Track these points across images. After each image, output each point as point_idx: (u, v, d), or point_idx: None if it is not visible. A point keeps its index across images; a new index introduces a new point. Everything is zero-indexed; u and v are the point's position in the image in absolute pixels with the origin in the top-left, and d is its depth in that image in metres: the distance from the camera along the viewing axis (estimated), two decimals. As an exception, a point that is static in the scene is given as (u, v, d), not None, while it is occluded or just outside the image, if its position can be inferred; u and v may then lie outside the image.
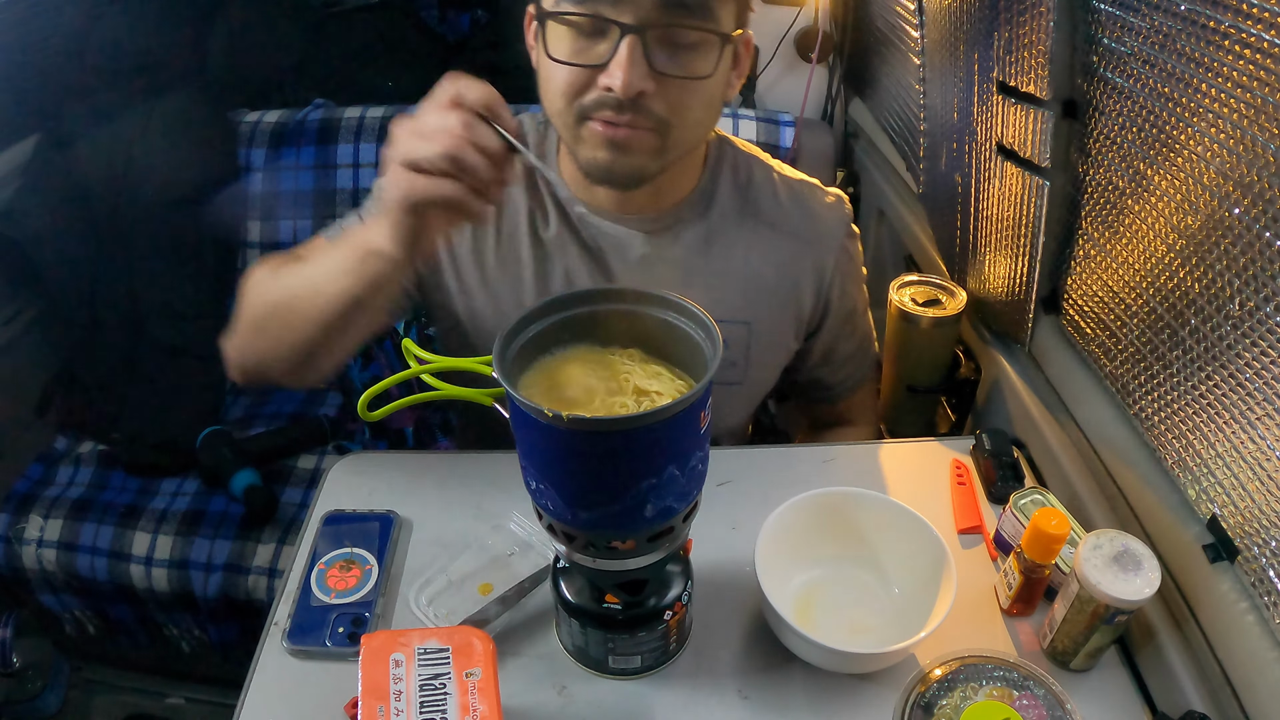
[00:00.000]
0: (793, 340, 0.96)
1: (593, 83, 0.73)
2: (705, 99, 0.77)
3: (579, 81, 0.74)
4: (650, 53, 0.71)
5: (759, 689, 0.70)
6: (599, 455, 0.53)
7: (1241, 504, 0.63)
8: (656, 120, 0.75)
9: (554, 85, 0.75)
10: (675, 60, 0.73)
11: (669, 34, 0.71)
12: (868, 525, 0.76)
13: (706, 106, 0.78)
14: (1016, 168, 0.86)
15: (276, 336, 0.75)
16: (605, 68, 0.71)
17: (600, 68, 0.72)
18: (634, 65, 0.70)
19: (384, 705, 0.54)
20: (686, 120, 0.76)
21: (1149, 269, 0.72)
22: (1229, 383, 0.63)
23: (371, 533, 0.81)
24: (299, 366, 0.76)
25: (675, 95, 0.74)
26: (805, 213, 0.93)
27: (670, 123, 0.75)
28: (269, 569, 1.37)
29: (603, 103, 0.73)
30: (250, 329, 0.78)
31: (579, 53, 0.73)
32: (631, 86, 0.70)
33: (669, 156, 0.79)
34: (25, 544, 1.43)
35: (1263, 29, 0.53)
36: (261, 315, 0.77)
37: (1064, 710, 0.61)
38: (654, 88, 0.72)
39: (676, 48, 0.72)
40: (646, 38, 0.70)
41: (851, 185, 1.63)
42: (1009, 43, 0.82)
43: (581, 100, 0.74)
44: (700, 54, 0.73)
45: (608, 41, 0.71)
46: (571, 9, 0.71)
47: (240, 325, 0.79)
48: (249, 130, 1.66)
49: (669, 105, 0.74)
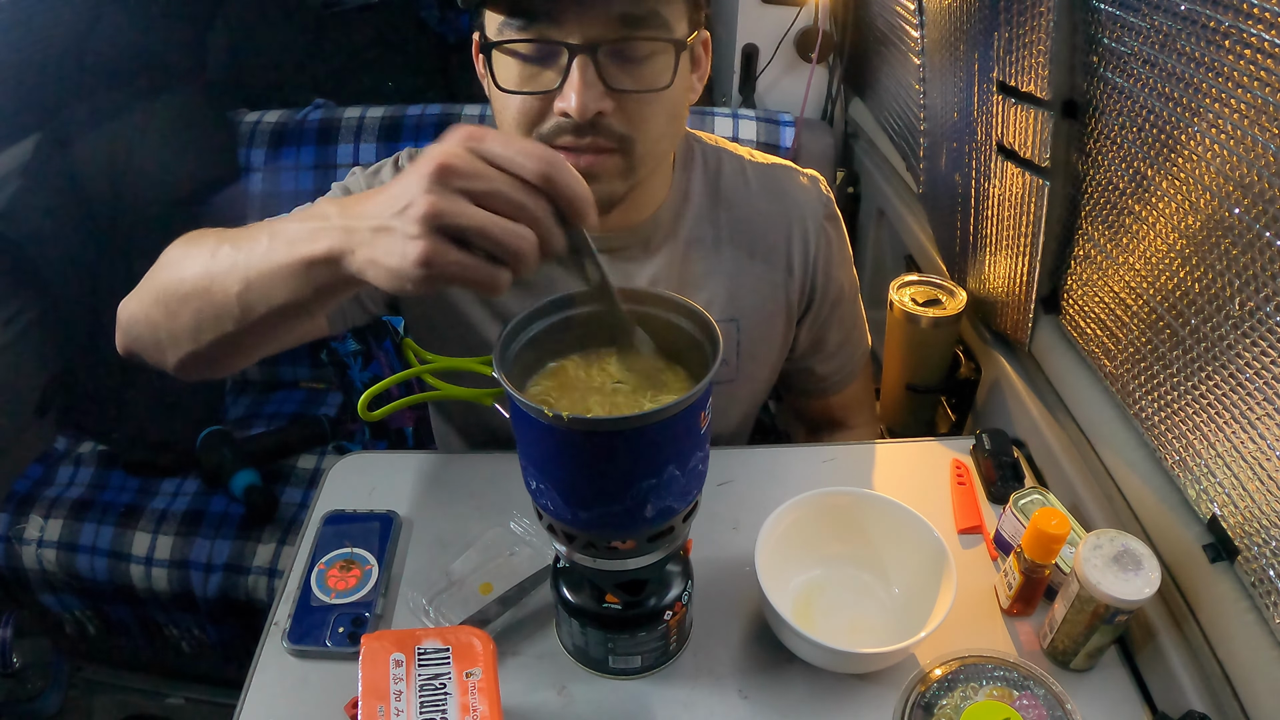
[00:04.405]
0: (783, 330, 0.95)
1: (548, 110, 0.70)
2: (667, 110, 0.73)
3: (533, 110, 0.71)
4: (603, 71, 0.68)
5: (759, 689, 0.70)
6: (599, 455, 0.53)
7: (1241, 504, 0.63)
8: (619, 139, 0.72)
9: (508, 117, 0.72)
10: (631, 75, 0.70)
11: (621, 49, 0.68)
12: (868, 525, 0.76)
13: (669, 118, 0.74)
14: (1016, 168, 0.86)
15: (183, 323, 0.65)
16: (559, 92, 0.68)
17: (554, 93, 0.69)
18: (588, 86, 0.67)
19: (384, 705, 0.54)
20: (650, 134, 0.73)
21: (1149, 269, 0.72)
22: (1229, 383, 0.63)
23: (371, 533, 0.81)
24: (196, 359, 0.68)
25: (635, 110, 0.71)
26: (778, 194, 0.91)
27: (634, 139, 0.72)
28: (269, 569, 1.38)
29: (561, 129, 0.70)
30: (154, 303, 0.68)
31: (529, 80, 0.70)
32: (588, 109, 0.67)
33: (638, 175, 0.76)
34: (25, 544, 1.43)
35: (1263, 29, 0.53)
36: (170, 294, 0.66)
37: (1064, 710, 0.61)
38: (612, 106, 0.69)
39: (630, 62, 0.69)
40: (597, 56, 0.67)
41: (851, 185, 1.63)
42: (1009, 43, 0.82)
43: (540, 129, 0.71)
44: (655, 65, 0.70)
45: (558, 65, 0.68)
46: (515, 36, 0.68)
47: (143, 294, 0.69)
48: (249, 130, 1.66)
49: (630, 122, 0.71)
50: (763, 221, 0.90)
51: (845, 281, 0.98)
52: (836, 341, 1.00)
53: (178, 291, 0.65)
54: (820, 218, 0.93)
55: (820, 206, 0.93)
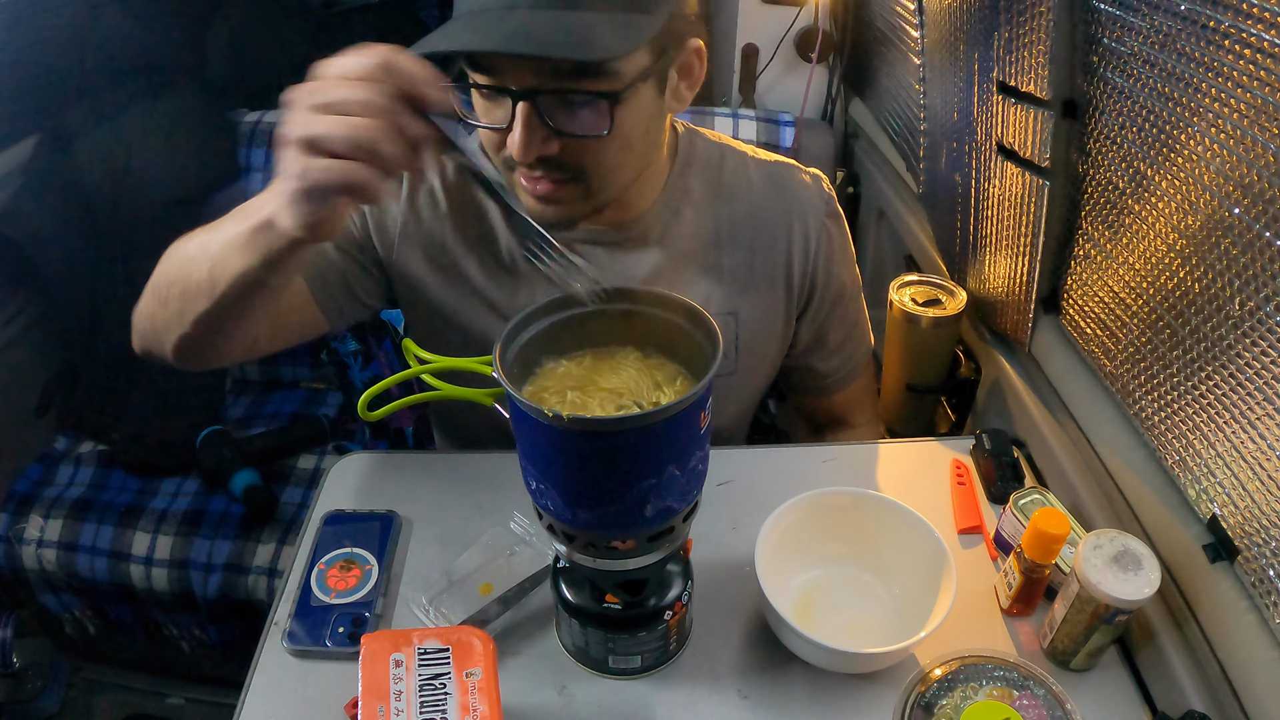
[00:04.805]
0: (783, 324, 0.95)
1: (504, 141, 0.72)
2: (618, 145, 0.74)
3: (493, 140, 0.73)
4: (547, 114, 0.69)
5: (759, 689, 0.70)
6: (599, 455, 0.53)
7: (1241, 504, 0.63)
8: (573, 171, 0.73)
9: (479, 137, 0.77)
10: (574, 119, 0.70)
11: (562, 96, 0.69)
12: (868, 525, 0.76)
13: (622, 150, 0.75)
14: (1016, 168, 0.86)
15: (172, 308, 0.70)
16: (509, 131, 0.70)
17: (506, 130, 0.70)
18: (530, 130, 0.68)
19: (384, 705, 0.54)
20: (603, 167, 0.74)
21: (1149, 269, 0.72)
22: (1229, 383, 0.63)
23: (371, 533, 0.81)
24: (194, 344, 0.72)
25: (583, 149, 0.72)
26: (779, 191, 0.92)
27: (587, 171, 0.74)
28: (269, 569, 1.37)
29: (513, 162, 0.72)
30: (152, 297, 0.74)
31: (485, 113, 0.73)
32: (529, 152, 0.69)
33: (601, 198, 0.77)
34: (25, 544, 1.43)
35: (1263, 29, 0.53)
36: (160, 284, 0.72)
37: (1064, 710, 0.61)
38: (557, 147, 0.71)
39: (572, 107, 0.70)
40: (538, 102, 0.68)
41: (851, 185, 1.63)
42: (1009, 43, 0.82)
43: (501, 154, 0.74)
44: (597, 112, 0.70)
45: (504, 106, 0.70)
46: (471, 77, 0.70)
47: (145, 292, 0.75)
48: (249, 130, 1.66)
49: (579, 158, 0.72)
50: (764, 217, 0.91)
51: (847, 280, 0.98)
52: (838, 339, 1.00)
53: (166, 280, 0.72)
54: (822, 215, 0.93)
55: (822, 204, 0.93)
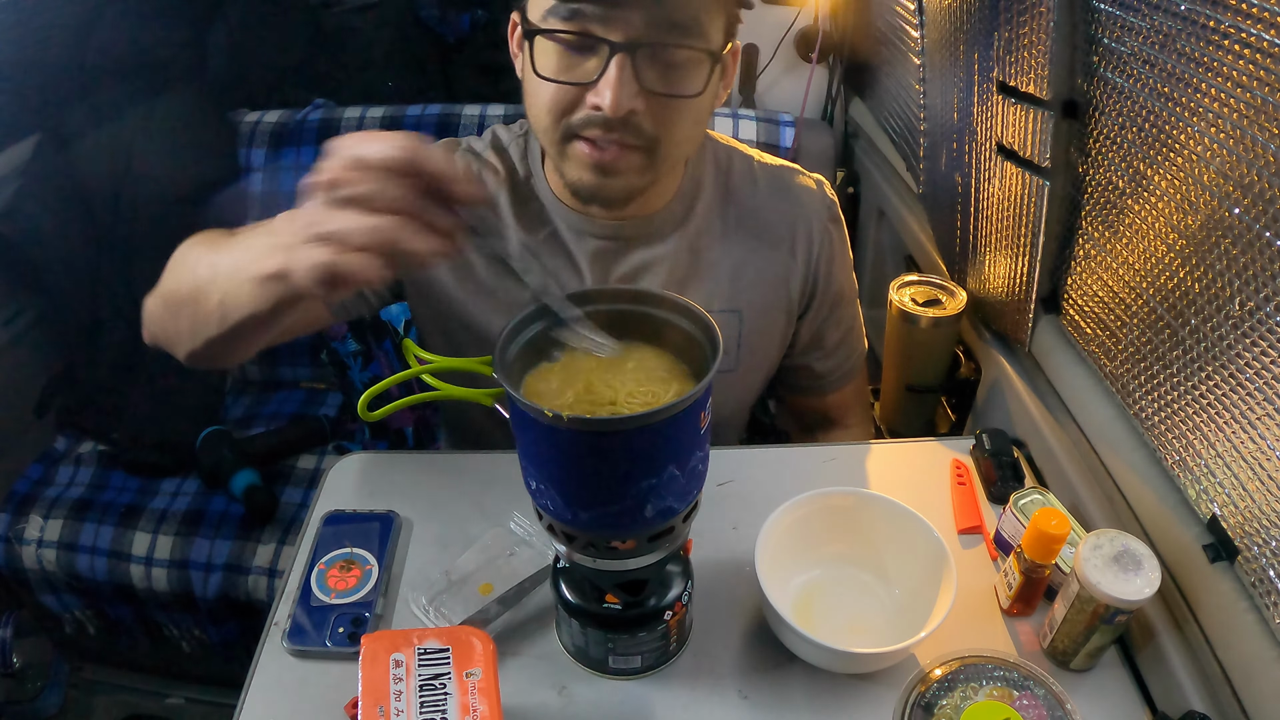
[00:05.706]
0: (784, 324, 0.96)
1: (581, 100, 0.72)
2: (694, 115, 0.76)
3: (566, 99, 0.73)
4: (640, 71, 0.70)
5: (759, 689, 0.70)
6: (599, 455, 0.53)
7: (1241, 504, 0.63)
8: (645, 138, 0.74)
9: (540, 102, 0.74)
10: (665, 79, 0.72)
11: (659, 52, 0.70)
12: (868, 525, 0.76)
13: (694, 123, 0.77)
14: (1016, 168, 0.86)
15: (183, 325, 0.70)
16: (594, 85, 0.70)
17: (589, 85, 0.71)
18: (623, 84, 0.69)
19: (384, 705, 0.54)
20: (675, 137, 0.76)
21: (1149, 269, 0.72)
22: (1229, 383, 0.63)
23: (371, 533, 0.81)
24: (205, 357, 0.72)
25: (664, 113, 0.73)
26: (784, 193, 0.93)
27: (659, 139, 0.75)
28: (269, 569, 1.38)
29: (590, 121, 0.72)
30: (162, 305, 0.73)
31: (567, 70, 0.72)
32: (621, 105, 0.69)
33: (656, 173, 0.78)
34: (25, 544, 1.43)
35: (1263, 29, 0.53)
36: (170, 299, 0.71)
37: (1064, 710, 0.61)
38: (643, 106, 0.71)
39: (666, 66, 0.71)
40: (636, 56, 0.69)
41: (851, 185, 1.63)
42: (1009, 43, 0.82)
43: (569, 119, 0.74)
44: (690, 72, 0.72)
45: (597, 59, 0.70)
46: (560, 26, 0.70)
47: (156, 294, 0.74)
48: (249, 130, 1.66)
49: (658, 123, 0.73)
50: (769, 218, 0.92)
51: (845, 283, 0.99)
52: (835, 341, 1.01)
53: (176, 297, 0.70)
54: (824, 219, 0.95)
55: (824, 209, 0.95)
